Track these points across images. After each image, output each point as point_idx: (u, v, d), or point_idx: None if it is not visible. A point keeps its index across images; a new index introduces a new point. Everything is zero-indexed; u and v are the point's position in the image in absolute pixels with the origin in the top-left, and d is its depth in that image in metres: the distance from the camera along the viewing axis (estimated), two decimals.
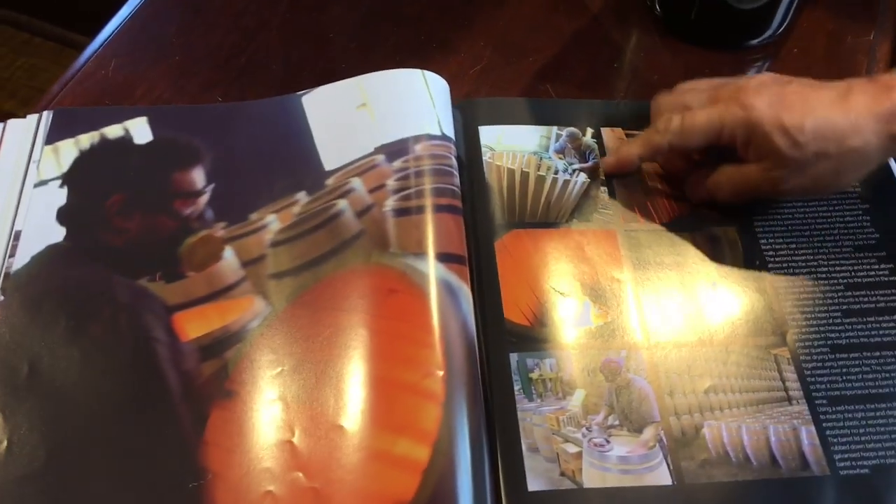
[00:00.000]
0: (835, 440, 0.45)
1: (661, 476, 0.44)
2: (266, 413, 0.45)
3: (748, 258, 0.52)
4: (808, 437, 0.46)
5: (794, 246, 0.53)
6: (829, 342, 0.49)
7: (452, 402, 0.44)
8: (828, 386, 0.47)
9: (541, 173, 0.56)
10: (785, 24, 0.64)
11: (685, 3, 0.64)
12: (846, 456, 0.45)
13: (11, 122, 0.57)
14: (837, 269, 0.52)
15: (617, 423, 0.46)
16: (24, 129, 0.56)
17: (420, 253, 0.49)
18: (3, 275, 0.50)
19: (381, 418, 0.44)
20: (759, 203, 0.54)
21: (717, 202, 0.53)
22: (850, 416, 0.46)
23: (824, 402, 0.47)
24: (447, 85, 0.58)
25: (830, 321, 0.50)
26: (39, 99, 0.61)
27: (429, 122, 0.55)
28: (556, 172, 0.56)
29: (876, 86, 0.47)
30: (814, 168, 0.48)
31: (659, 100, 0.55)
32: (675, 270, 0.52)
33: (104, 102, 0.60)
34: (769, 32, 0.64)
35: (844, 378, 0.48)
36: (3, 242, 0.51)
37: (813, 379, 0.48)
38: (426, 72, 0.57)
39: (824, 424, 0.46)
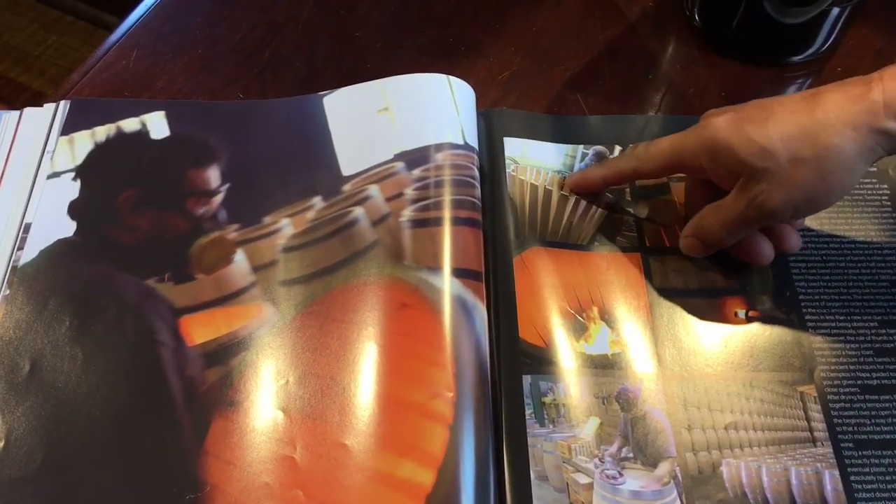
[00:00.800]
0: (859, 486, 0.43)
1: None
2: (268, 426, 0.43)
3: (778, 289, 0.50)
4: (831, 481, 0.43)
5: (827, 278, 0.51)
6: (858, 382, 0.47)
7: (461, 426, 0.43)
8: (855, 428, 0.45)
9: (564, 193, 0.54)
10: (830, 40, 0.61)
11: (726, 15, 0.62)
12: None
13: (28, 110, 0.56)
14: (872, 304, 0.49)
15: (631, 455, 0.44)
16: (41, 118, 0.56)
17: (435, 267, 0.47)
18: (10, 268, 0.49)
19: (386, 439, 0.42)
20: None
21: (716, 248, 0.49)
22: (876, 461, 0.44)
23: (850, 445, 0.45)
24: (473, 92, 0.56)
25: (861, 360, 0.48)
26: (69, 78, 0.60)
27: (452, 130, 0.53)
28: (580, 194, 0.54)
29: (847, 84, 0.43)
30: (793, 176, 0.43)
31: None
32: (700, 298, 0.49)
33: (123, 94, 0.59)
34: (813, 49, 0.62)
35: (873, 421, 0.45)
36: (12, 235, 0.50)
37: (840, 420, 0.45)
38: (452, 77, 0.55)
39: (849, 469, 0.44)
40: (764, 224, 0.47)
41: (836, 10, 0.58)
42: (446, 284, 0.47)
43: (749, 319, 0.49)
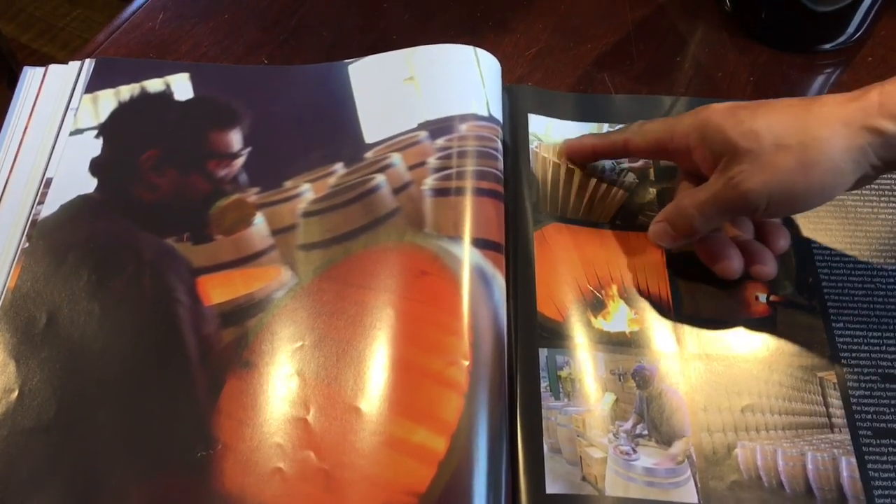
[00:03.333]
0: (876, 475, 0.43)
1: (688, 493, 0.42)
2: (282, 387, 0.43)
3: (801, 274, 0.50)
4: (847, 468, 0.43)
5: (851, 265, 0.50)
6: (879, 370, 0.46)
7: (476, 394, 0.42)
8: (874, 417, 0.45)
9: (586, 172, 0.53)
10: (862, 29, 0.61)
11: (757, 0, 0.61)
12: (887, 493, 0.42)
13: (53, 67, 0.56)
14: (895, 293, 0.49)
15: (646, 432, 0.44)
16: (65, 75, 0.55)
17: (456, 236, 0.47)
18: (30, 221, 0.49)
19: (401, 404, 0.42)
20: (813, 215, 0.51)
21: (686, 237, 0.48)
22: (894, 450, 0.43)
23: (869, 433, 0.44)
24: (499, 65, 0.56)
25: (884, 348, 0.47)
26: (95, 38, 0.60)
27: (477, 101, 0.53)
28: (603, 172, 0.54)
29: (846, 94, 0.42)
30: (774, 161, 0.42)
31: None
32: (720, 281, 0.49)
33: (148, 56, 0.59)
34: (844, 37, 0.61)
35: (893, 410, 0.45)
36: (33, 189, 0.50)
37: (859, 408, 0.45)
38: (478, 49, 0.55)
39: (867, 457, 0.43)
40: (738, 213, 0.46)
41: None
42: (466, 254, 0.46)
43: (770, 304, 0.49)
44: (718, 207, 0.45)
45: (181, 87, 0.55)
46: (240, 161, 0.52)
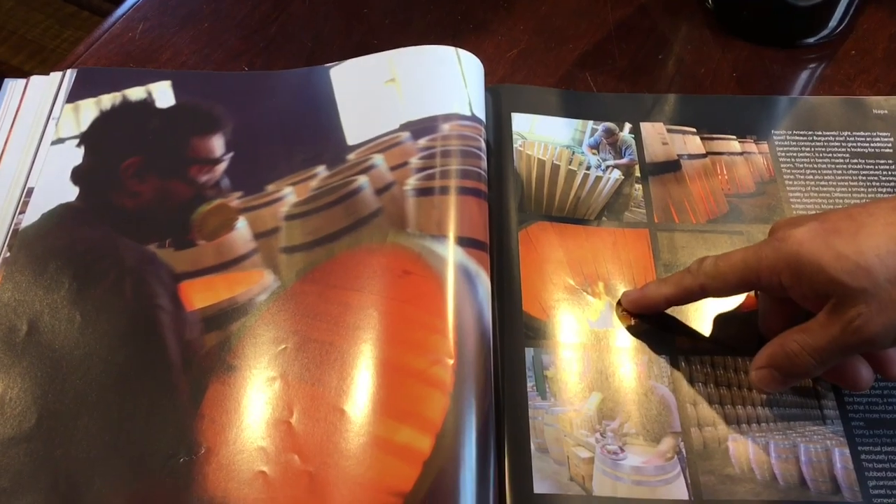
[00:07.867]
0: (870, 465, 0.42)
1: (677, 490, 0.41)
2: (265, 391, 0.43)
3: None
4: (841, 459, 0.42)
5: None
6: None
7: (461, 393, 0.42)
8: (866, 408, 0.44)
9: (572, 168, 0.53)
10: (844, 23, 0.61)
11: None
12: (881, 483, 0.42)
13: (34, 78, 0.56)
14: None
15: (633, 431, 0.43)
16: (46, 85, 0.55)
17: (439, 235, 0.47)
18: (11, 231, 0.48)
19: (385, 404, 0.42)
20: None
21: (799, 379, 0.44)
22: (888, 440, 0.43)
23: (861, 423, 0.44)
24: (481, 65, 0.55)
25: None
26: (75, 49, 0.60)
27: (459, 101, 0.53)
28: (589, 168, 0.53)
29: None
30: (894, 297, 0.38)
31: None
32: None
33: (129, 65, 0.59)
34: (826, 31, 0.61)
35: (885, 401, 0.44)
36: (14, 198, 0.50)
37: (850, 398, 0.44)
38: (460, 50, 0.55)
39: (860, 448, 0.43)
40: (861, 352, 0.42)
41: None
42: (450, 252, 0.46)
43: (759, 296, 0.48)
44: (841, 353, 0.40)
45: (163, 94, 0.55)
46: (222, 166, 0.52)
